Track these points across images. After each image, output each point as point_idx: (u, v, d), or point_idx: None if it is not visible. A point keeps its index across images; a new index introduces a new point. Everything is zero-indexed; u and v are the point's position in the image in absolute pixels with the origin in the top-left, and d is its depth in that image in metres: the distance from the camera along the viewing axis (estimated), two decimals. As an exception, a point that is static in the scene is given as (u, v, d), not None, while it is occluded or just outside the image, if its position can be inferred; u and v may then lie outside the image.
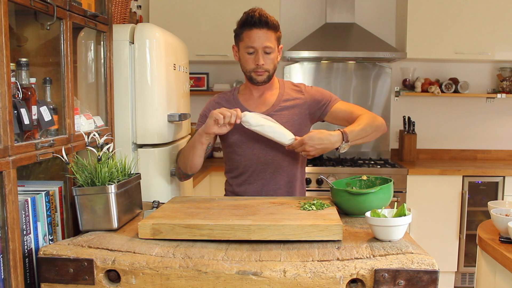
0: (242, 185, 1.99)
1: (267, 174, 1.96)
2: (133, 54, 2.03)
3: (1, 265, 1.20)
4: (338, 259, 1.23)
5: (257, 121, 1.75)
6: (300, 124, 1.94)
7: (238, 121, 1.74)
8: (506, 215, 1.73)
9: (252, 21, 1.82)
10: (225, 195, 2.12)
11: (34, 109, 1.37)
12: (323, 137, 1.74)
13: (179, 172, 2.05)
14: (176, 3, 3.63)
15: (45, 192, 1.42)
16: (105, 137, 1.61)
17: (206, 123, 1.79)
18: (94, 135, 1.55)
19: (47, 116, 1.43)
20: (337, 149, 1.79)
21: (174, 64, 2.26)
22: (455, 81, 3.87)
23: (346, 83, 3.99)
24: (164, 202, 1.78)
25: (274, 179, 1.97)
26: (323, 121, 2.02)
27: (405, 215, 1.34)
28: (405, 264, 1.21)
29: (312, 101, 1.96)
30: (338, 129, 1.79)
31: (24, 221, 1.31)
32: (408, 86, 3.95)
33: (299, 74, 4.00)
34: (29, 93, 1.36)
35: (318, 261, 1.23)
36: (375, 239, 1.36)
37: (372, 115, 1.92)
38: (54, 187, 1.48)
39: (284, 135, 1.77)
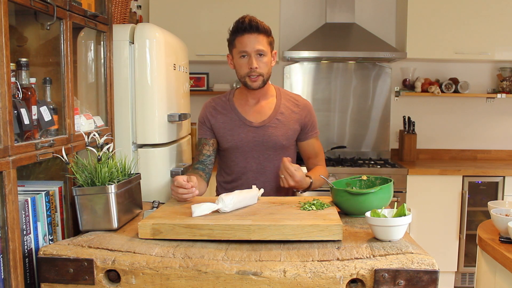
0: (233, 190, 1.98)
1: (259, 183, 1.95)
2: (133, 54, 2.03)
3: (1, 265, 1.20)
4: (338, 259, 1.23)
5: (232, 204, 1.52)
6: (293, 136, 2.01)
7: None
8: (506, 215, 1.73)
9: (243, 27, 1.85)
10: None
11: (34, 109, 1.37)
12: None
13: None
14: (176, 3, 3.63)
15: (45, 192, 1.42)
16: (105, 137, 1.61)
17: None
18: (94, 135, 1.55)
19: (47, 116, 1.43)
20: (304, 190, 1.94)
21: (174, 64, 2.26)
22: (455, 81, 3.87)
23: (346, 83, 3.99)
24: (164, 202, 1.78)
25: (265, 188, 1.96)
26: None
27: (405, 215, 1.34)
28: (405, 264, 1.21)
29: (306, 120, 2.03)
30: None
31: (24, 221, 1.31)
32: (408, 86, 3.95)
33: (299, 74, 4.00)
34: (29, 93, 1.36)
35: (318, 261, 1.23)
36: (375, 239, 1.36)
37: (324, 169, 2.06)
38: (54, 187, 1.48)
39: (253, 196, 1.63)
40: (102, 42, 1.85)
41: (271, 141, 1.96)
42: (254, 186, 1.70)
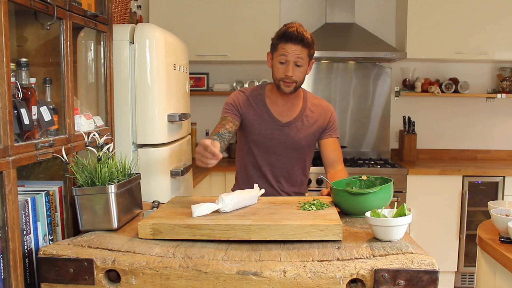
0: (250, 183, 2.02)
1: (275, 177, 2.10)
2: (133, 54, 2.03)
3: (1, 265, 1.20)
4: (338, 259, 1.23)
5: (232, 204, 1.51)
6: (313, 138, 2.09)
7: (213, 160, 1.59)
8: (506, 215, 1.73)
9: (290, 35, 1.90)
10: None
11: (34, 109, 1.37)
12: None
13: None
14: (176, 3, 3.62)
15: (45, 192, 1.42)
16: (105, 137, 1.61)
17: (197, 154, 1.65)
18: (94, 135, 1.55)
19: (47, 116, 1.43)
20: None
21: (174, 64, 2.26)
22: (455, 81, 3.87)
23: (346, 83, 3.99)
24: (164, 202, 1.78)
25: (280, 183, 2.10)
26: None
27: (405, 215, 1.34)
28: (405, 264, 1.21)
29: (326, 122, 2.10)
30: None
31: (24, 221, 1.31)
32: (408, 86, 3.95)
33: (299, 74, 3.99)
34: (29, 93, 1.36)
35: (318, 261, 1.23)
36: (375, 239, 1.35)
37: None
38: (54, 187, 1.48)
39: (254, 196, 1.64)
40: (102, 42, 1.85)
41: (293, 141, 2.05)
42: (255, 186, 1.70)
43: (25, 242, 1.32)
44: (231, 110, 2.05)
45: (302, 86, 2.06)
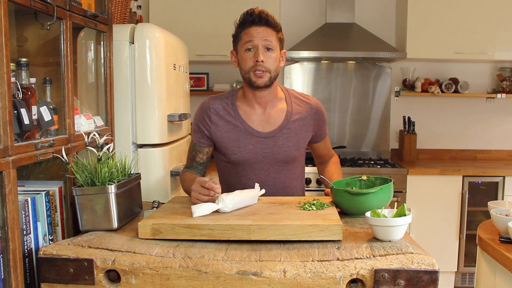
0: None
1: (267, 194, 1.79)
2: (133, 54, 2.03)
3: (1, 265, 1.20)
4: (338, 259, 1.23)
5: (232, 204, 1.50)
6: (304, 144, 1.87)
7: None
8: (506, 215, 1.73)
9: (251, 19, 1.70)
10: None
11: (34, 109, 1.37)
12: None
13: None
14: (176, 3, 3.63)
15: (45, 192, 1.42)
16: (105, 137, 1.61)
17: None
18: (94, 135, 1.55)
19: (47, 116, 1.43)
20: None
21: (174, 64, 2.26)
22: (455, 81, 3.87)
23: (346, 83, 3.99)
24: (164, 202, 1.78)
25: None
26: None
27: (405, 215, 1.34)
28: (405, 264, 1.21)
29: (319, 124, 1.88)
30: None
31: (24, 221, 1.31)
32: (408, 86, 3.95)
33: (299, 74, 4.00)
34: (29, 93, 1.36)
35: (318, 261, 1.23)
36: (375, 239, 1.35)
37: (339, 164, 2.03)
38: (54, 187, 1.48)
39: (254, 196, 1.61)
40: (102, 42, 1.85)
41: (282, 153, 1.79)
42: (256, 185, 1.64)
43: (25, 242, 1.32)
44: (197, 133, 1.83)
45: (293, 88, 1.89)
